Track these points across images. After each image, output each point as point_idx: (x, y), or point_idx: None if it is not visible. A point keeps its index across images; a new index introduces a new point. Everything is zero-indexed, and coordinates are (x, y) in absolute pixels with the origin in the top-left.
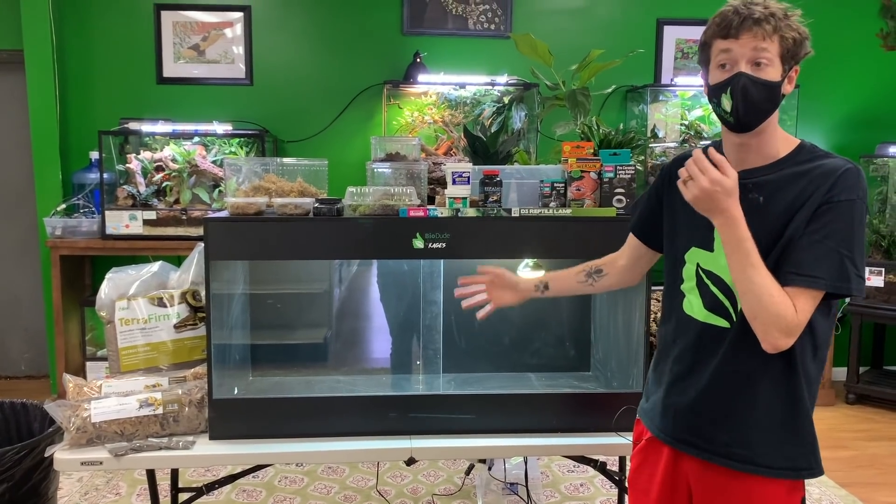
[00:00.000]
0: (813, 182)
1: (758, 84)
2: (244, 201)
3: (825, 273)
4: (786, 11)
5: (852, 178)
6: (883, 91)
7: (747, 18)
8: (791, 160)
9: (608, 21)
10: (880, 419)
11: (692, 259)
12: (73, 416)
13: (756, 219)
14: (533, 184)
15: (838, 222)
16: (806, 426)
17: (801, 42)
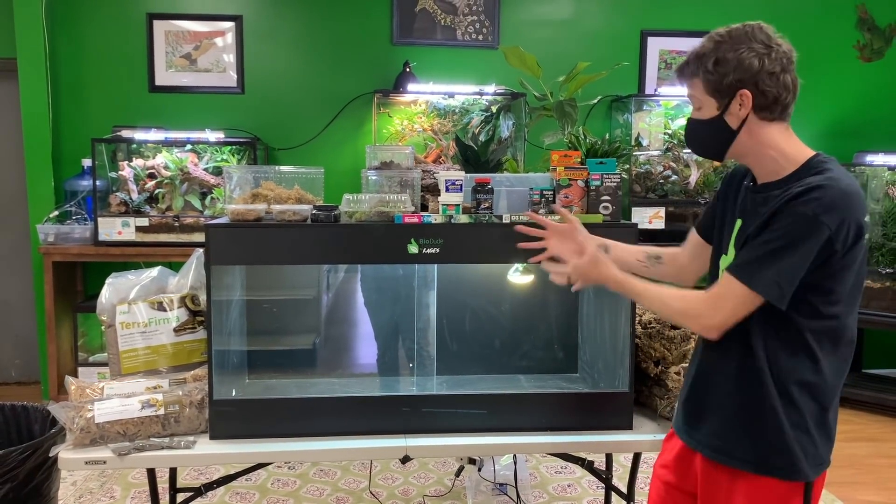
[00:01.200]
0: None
1: (695, 124)
2: (244, 208)
3: (745, 271)
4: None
5: (818, 193)
6: (860, 102)
7: (677, 70)
8: (795, 178)
9: (593, 32)
10: (859, 421)
11: (722, 265)
12: (76, 417)
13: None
14: (522, 191)
15: (780, 226)
16: (773, 423)
17: (724, 74)
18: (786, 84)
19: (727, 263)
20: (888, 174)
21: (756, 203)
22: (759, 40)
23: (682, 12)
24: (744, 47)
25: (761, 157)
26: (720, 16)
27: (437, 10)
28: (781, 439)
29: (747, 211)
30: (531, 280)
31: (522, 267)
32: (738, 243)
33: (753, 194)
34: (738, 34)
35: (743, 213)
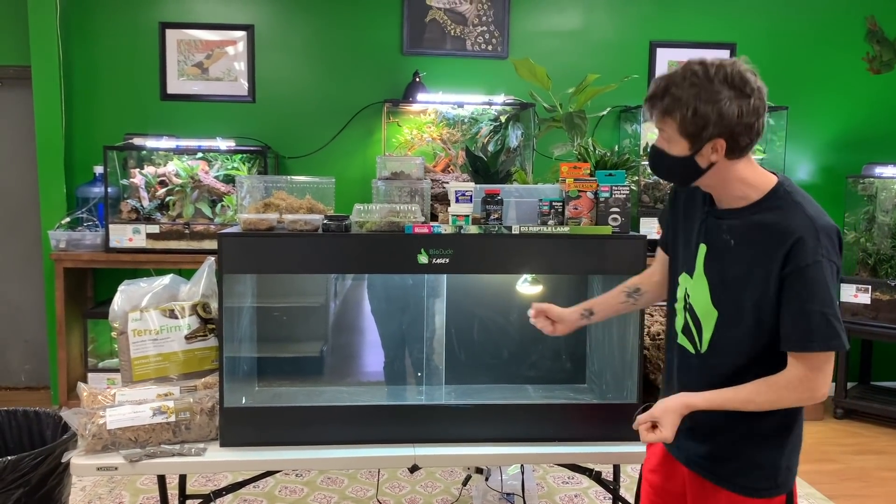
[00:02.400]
0: (773, 239)
1: (661, 155)
2: (256, 217)
3: (817, 336)
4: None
5: (810, 242)
6: (869, 113)
7: (647, 100)
8: (761, 206)
9: (602, 43)
10: (867, 433)
11: (683, 282)
12: (88, 424)
13: (727, 258)
14: (532, 202)
15: (813, 285)
16: (762, 452)
17: (703, 126)
18: (758, 130)
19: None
20: None
21: (719, 230)
22: (737, 87)
23: (691, 23)
24: (724, 97)
25: (727, 188)
26: (728, 27)
27: (446, 20)
28: (770, 464)
29: (711, 237)
30: (540, 290)
31: (531, 277)
32: (708, 271)
33: (715, 219)
34: (717, 78)
35: (706, 239)
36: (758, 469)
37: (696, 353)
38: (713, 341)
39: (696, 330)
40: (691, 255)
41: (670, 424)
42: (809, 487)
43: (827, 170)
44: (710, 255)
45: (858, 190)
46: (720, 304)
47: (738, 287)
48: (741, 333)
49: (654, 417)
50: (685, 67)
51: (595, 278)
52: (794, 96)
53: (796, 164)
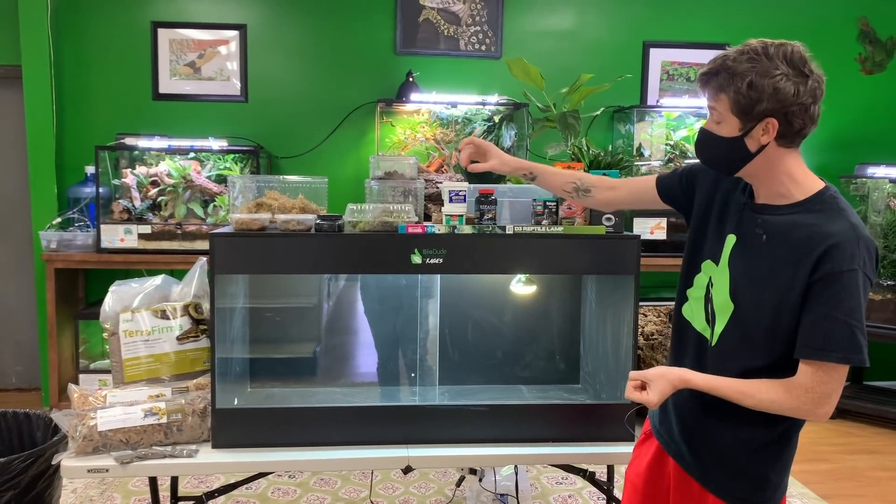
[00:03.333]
0: (809, 241)
1: (710, 137)
2: (248, 217)
3: (838, 346)
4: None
5: (849, 248)
6: (861, 114)
7: (702, 76)
8: (802, 207)
9: (596, 43)
10: (860, 433)
11: (707, 270)
12: (79, 425)
13: (757, 253)
14: (526, 202)
15: (843, 293)
16: (755, 464)
17: (757, 100)
18: (812, 116)
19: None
20: (889, 186)
21: (753, 223)
22: (796, 66)
23: (685, 24)
24: (780, 74)
25: (772, 180)
26: (722, 28)
27: (440, 20)
28: (761, 475)
29: (743, 229)
30: (534, 291)
31: (525, 277)
32: (733, 263)
33: (751, 213)
34: (777, 55)
35: (737, 230)
36: (747, 479)
37: (710, 348)
38: (723, 336)
39: (710, 324)
40: (719, 242)
41: (659, 391)
42: (803, 487)
43: (819, 170)
44: (738, 248)
45: (851, 190)
46: (738, 299)
47: (759, 285)
48: (753, 334)
49: (647, 378)
50: (744, 44)
51: (589, 278)
52: None
53: None
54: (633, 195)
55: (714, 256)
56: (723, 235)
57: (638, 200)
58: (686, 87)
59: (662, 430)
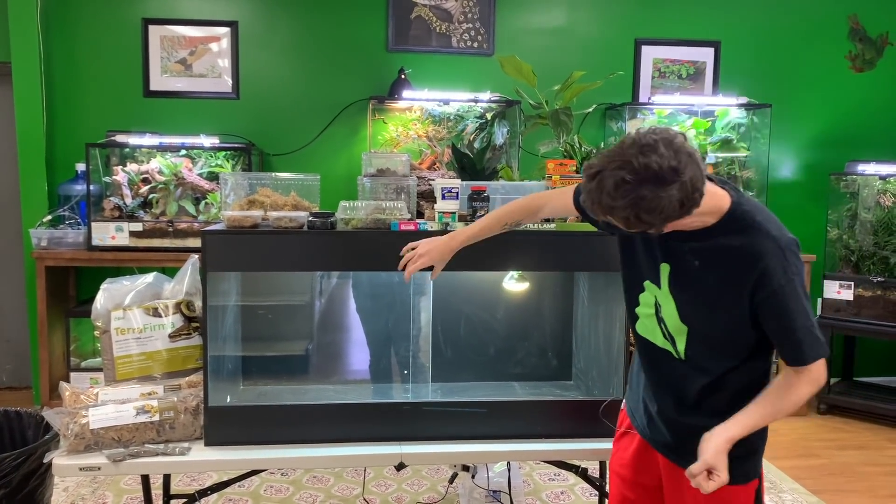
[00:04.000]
0: (741, 262)
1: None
2: (240, 214)
3: (809, 351)
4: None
5: (779, 264)
6: (852, 111)
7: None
8: (721, 229)
9: (588, 40)
10: (850, 429)
11: (650, 289)
12: (71, 423)
13: (695, 278)
14: None
15: (790, 304)
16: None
17: (650, 225)
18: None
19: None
20: (879, 183)
21: (681, 251)
22: (668, 180)
23: (676, 21)
24: (663, 198)
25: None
26: (713, 25)
27: (432, 17)
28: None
29: (673, 258)
30: (526, 287)
31: (517, 275)
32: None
33: (676, 242)
34: (650, 180)
35: (668, 259)
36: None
37: (680, 360)
38: (688, 351)
39: (671, 341)
40: (654, 268)
41: (724, 465)
42: (793, 483)
43: (810, 167)
44: (675, 275)
45: (841, 187)
46: (690, 322)
47: (707, 307)
48: (715, 346)
49: (710, 465)
50: (614, 173)
51: (581, 275)
52: (778, 94)
53: (780, 161)
54: (558, 211)
55: (653, 279)
56: (655, 262)
57: (564, 214)
58: (678, 84)
59: (649, 432)
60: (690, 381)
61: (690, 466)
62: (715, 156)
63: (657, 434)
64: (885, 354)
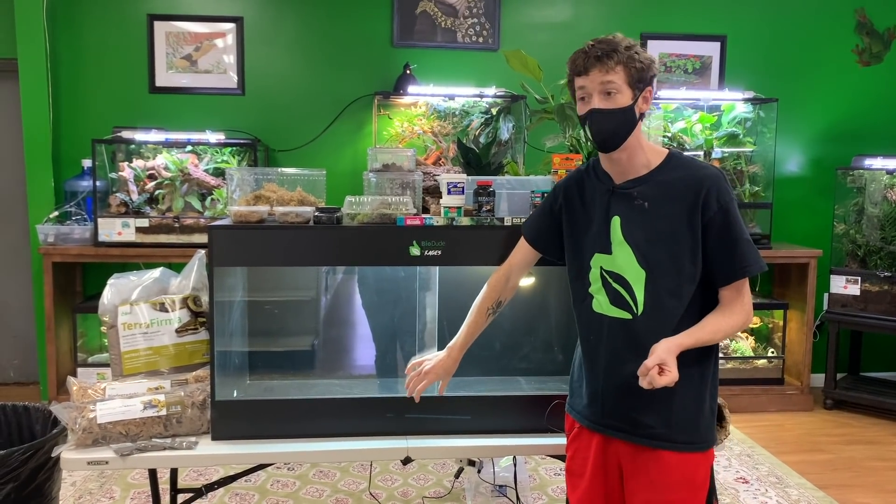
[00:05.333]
0: (687, 191)
1: (607, 113)
2: (247, 209)
3: (752, 261)
4: (628, 45)
5: (722, 185)
6: (858, 105)
7: (590, 57)
8: (664, 168)
9: (593, 35)
10: (857, 424)
11: (596, 264)
12: (79, 418)
13: (644, 220)
14: (524, 194)
15: (735, 221)
16: (711, 404)
17: (646, 68)
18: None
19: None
20: (886, 178)
21: (630, 198)
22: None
23: (682, 15)
24: (644, 50)
25: (638, 151)
26: (719, 20)
27: (437, 12)
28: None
29: (622, 208)
30: (532, 282)
31: None
32: (628, 237)
33: (622, 191)
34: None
35: (618, 211)
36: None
37: (635, 318)
38: (647, 300)
39: (628, 295)
40: (602, 233)
41: (675, 363)
42: (800, 478)
43: (816, 162)
44: (626, 222)
45: (848, 182)
46: (647, 263)
47: (660, 242)
48: (671, 285)
49: (662, 360)
50: (613, 36)
51: None
52: (784, 88)
53: (786, 155)
54: (522, 268)
55: (601, 247)
56: (605, 224)
57: (529, 265)
58: (683, 78)
59: (596, 418)
60: (644, 340)
61: (643, 363)
62: (721, 150)
63: (602, 415)
64: (891, 349)
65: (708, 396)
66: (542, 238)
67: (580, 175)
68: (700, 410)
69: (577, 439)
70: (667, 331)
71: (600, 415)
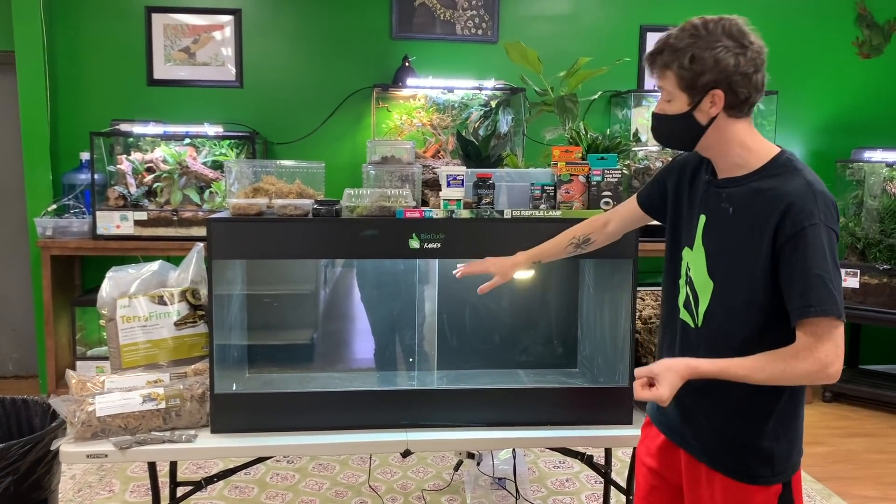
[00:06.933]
0: (769, 205)
1: (662, 118)
2: (245, 202)
3: (816, 300)
4: (686, 44)
5: (806, 205)
6: (859, 98)
7: (648, 57)
8: (761, 173)
9: (593, 27)
10: (856, 416)
11: (686, 257)
12: (78, 411)
13: (726, 227)
14: (524, 186)
15: (810, 249)
16: (773, 441)
17: (703, 71)
18: (756, 85)
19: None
20: (886, 170)
21: (719, 199)
22: (735, 38)
23: (681, 8)
24: (720, 46)
25: (727, 152)
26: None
27: (436, 4)
28: (765, 449)
29: (710, 207)
30: (532, 275)
31: None
32: (706, 241)
33: (715, 189)
34: (714, 30)
35: (706, 209)
36: (750, 454)
37: (695, 328)
38: (707, 314)
39: (694, 303)
40: (693, 227)
41: (669, 384)
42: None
43: (816, 154)
44: (709, 225)
45: (847, 175)
46: (715, 275)
47: (732, 256)
48: (734, 306)
49: (654, 373)
50: (685, 23)
51: (587, 262)
52: (785, 81)
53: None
54: (625, 222)
55: (689, 242)
56: (694, 219)
57: (631, 223)
58: None
59: (662, 419)
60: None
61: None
62: None
63: (668, 419)
64: (890, 342)
65: (770, 433)
66: (651, 201)
67: (699, 158)
68: (755, 444)
69: (648, 427)
70: (724, 353)
71: (661, 414)
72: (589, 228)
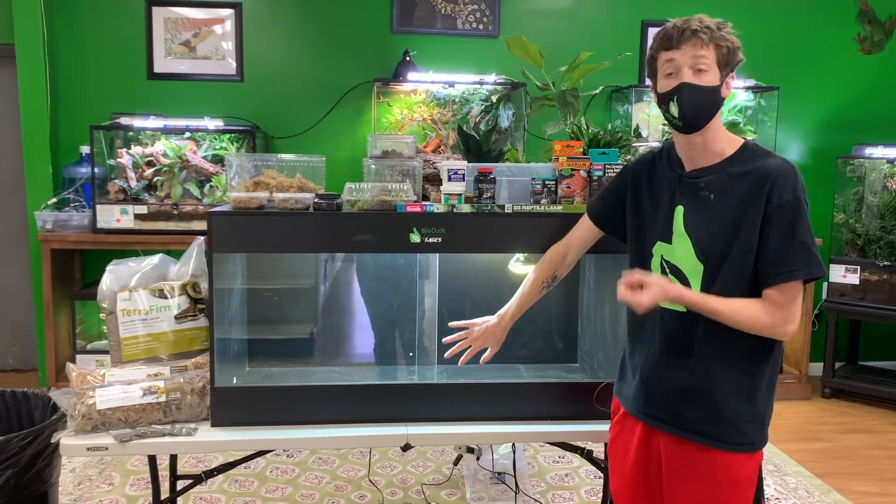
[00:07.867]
0: (755, 182)
1: (699, 90)
2: (246, 196)
3: (802, 265)
4: (719, 24)
5: (790, 180)
6: (859, 94)
7: (686, 31)
8: (736, 159)
9: (594, 22)
10: (855, 412)
11: (658, 252)
12: (78, 404)
13: (707, 213)
14: (524, 181)
15: (794, 219)
16: (763, 406)
17: (735, 51)
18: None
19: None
20: (887, 167)
21: (696, 188)
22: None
23: (683, 3)
24: (736, 34)
25: (715, 136)
26: (720, 7)
27: None
28: (764, 418)
29: (687, 197)
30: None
31: (524, 257)
32: (690, 229)
33: (689, 180)
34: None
35: (682, 200)
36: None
37: (687, 311)
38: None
39: None
40: (665, 222)
41: (652, 296)
42: (798, 466)
43: (817, 150)
44: (689, 213)
45: (848, 171)
46: (704, 257)
47: (722, 237)
48: (727, 282)
49: (647, 282)
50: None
51: (587, 257)
52: (785, 77)
53: (787, 144)
54: (582, 246)
55: (664, 236)
56: (669, 213)
57: (588, 244)
58: None
59: (641, 406)
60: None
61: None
62: None
63: (648, 405)
64: (890, 339)
65: (760, 398)
66: (605, 216)
67: (651, 158)
68: (749, 412)
69: (621, 423)
70: (720, 330)
71: (644, 404)
72: (553, 267)
